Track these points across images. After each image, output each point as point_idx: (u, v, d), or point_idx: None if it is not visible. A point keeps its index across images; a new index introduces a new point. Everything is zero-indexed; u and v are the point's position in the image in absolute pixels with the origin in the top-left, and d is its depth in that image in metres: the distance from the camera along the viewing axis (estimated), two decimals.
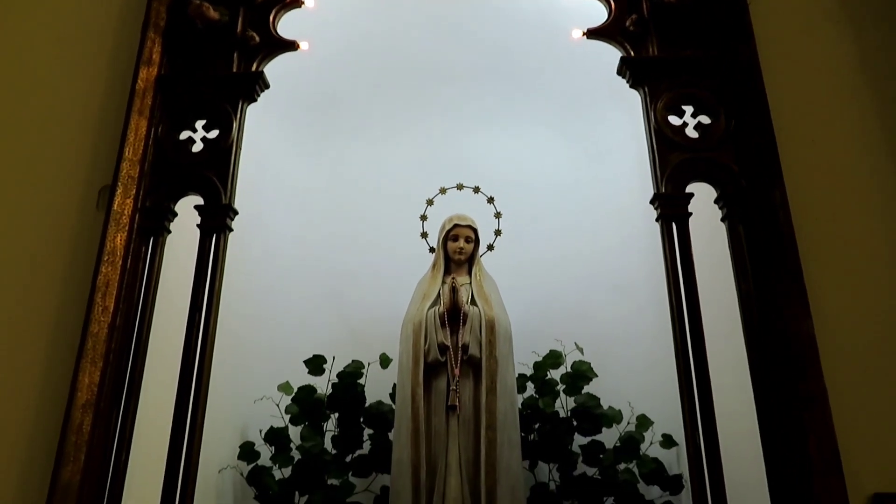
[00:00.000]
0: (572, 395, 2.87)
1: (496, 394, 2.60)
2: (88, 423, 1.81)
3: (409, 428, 2.59)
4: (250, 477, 2.67)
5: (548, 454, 2.78)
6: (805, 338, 1.82)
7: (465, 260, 2.90)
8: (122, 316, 1.94)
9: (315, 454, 2.69)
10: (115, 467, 1.83)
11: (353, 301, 3.22)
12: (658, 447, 2.75)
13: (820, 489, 1.69)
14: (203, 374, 1.94)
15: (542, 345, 2.98)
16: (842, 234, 2.01)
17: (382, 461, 2.74)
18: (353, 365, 2.89)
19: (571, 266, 3.24)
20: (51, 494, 1.75)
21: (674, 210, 2.02)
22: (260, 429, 2.76)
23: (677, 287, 1.94)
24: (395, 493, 2.55)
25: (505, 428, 2.58)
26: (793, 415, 1.75)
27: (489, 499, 2.47)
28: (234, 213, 2.10)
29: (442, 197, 3.06)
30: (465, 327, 2.70)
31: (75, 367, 1.86)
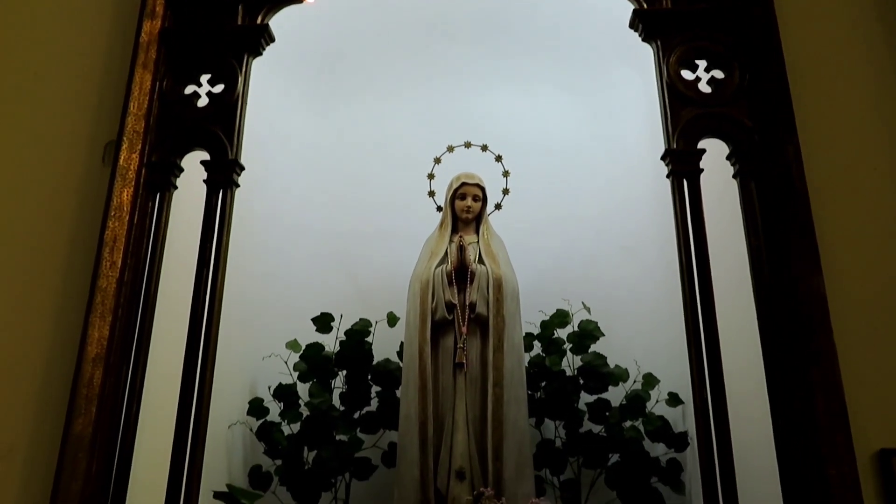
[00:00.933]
0: (579, 353, 2.89)
1: (503, 351, 2.62)
2: (99, 377, 1.83)
3: (417, 385, 2.61)
4: (259, 432, 2.70)
5: (554, 412, 2.80)
6: (815, 294, 1.80)
7: (472, 219, 2.88)
8: (130, 271, 1.93)
9: (323, 410, 2.71)
10: (126, 420, 1.85)
11: (360, 260, 3.22)
12: (664, 405, 2.77)
13: (826, 445, 1.69)
14: (212, 329, 1.94)
15: (550, 304, 2.99)
16: (855, 191, 1.98)
17: (390, 418, 2.77)
18: (360, 323, 2.90)
19: (579, 226, 3.23)
20: (63, 446, 1.77)
21: (685, 166, 1.99)
22: (268, 385, 2.79)
23: (687, 243, 1.93)
24: (403, 448, 2.58)
25: (512, 385, 2.60)
26: (801, 371, 1.75)
27: (496, 454, 2.50)
28: (241, 169, 2.09)
29: (449, 156, 3.04)
30: (473, 286, 2.70)
31: (84, 322, 1.87)
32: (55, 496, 1.73)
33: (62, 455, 1.76)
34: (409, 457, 2.55)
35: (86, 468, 1.76)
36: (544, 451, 2.77)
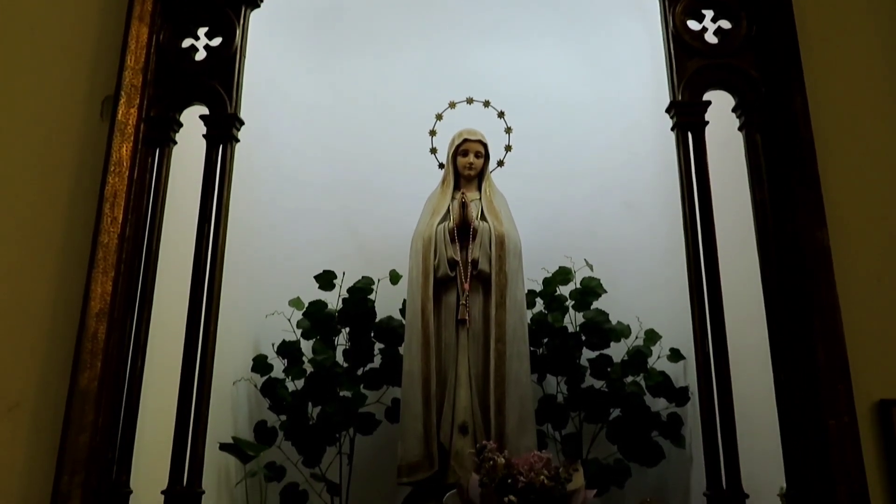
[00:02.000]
0: (581, 310, 2.89)
1: (505, 308, 2.62)
2: (103, 332, 1.83)
3: (420, 341, 2.62)
4: (264, 388, 2.73)
5: (556, 367, 2.82)
6: (819, 247, 1.80)
7: (474, 175, 2.86)
8: (131, 227, 1.93)
9: (327, 367, 2.73)
10: (132, 375, 1.87)
11: (362, 218, 3.20)
12: (665, 361, 2.79)
13: (827, 396, 1.71)
14: (214, 285, 1.95)
15: (552, 261, 2.98)
16: (862, 143, 1.96)
17: (393, 374, 2.79)
18: (363, 281, 2.91)
19: (582, 182, 3.21)
20: (70, 399, 1.79)
21: (690, 118, 1.97)
22: (272, 342, 2.80)
23: (691, 197, 1.92)
24: (406, 403, 2.61)
25: (514, 341, 2.61)
26: (803, 323, 1.76)
27: (498, 409, 2.52)
28: (240, 123, 2.07)
29: (451, 112, 3.00)
30: (475, 243, 2.69)
31: (87, 277, 1.87)
32: (63, 448, 1.75)
33: (69, 408, 1.78)
34: (412, 412, 2.57)
35: (92, 421, 1.77)
36: (546, 407, 2.79)
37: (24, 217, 2.00)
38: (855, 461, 1.66)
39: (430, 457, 2.51)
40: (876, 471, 1.71)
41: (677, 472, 2.72)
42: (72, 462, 1.74)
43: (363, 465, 2.76)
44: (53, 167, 2.04)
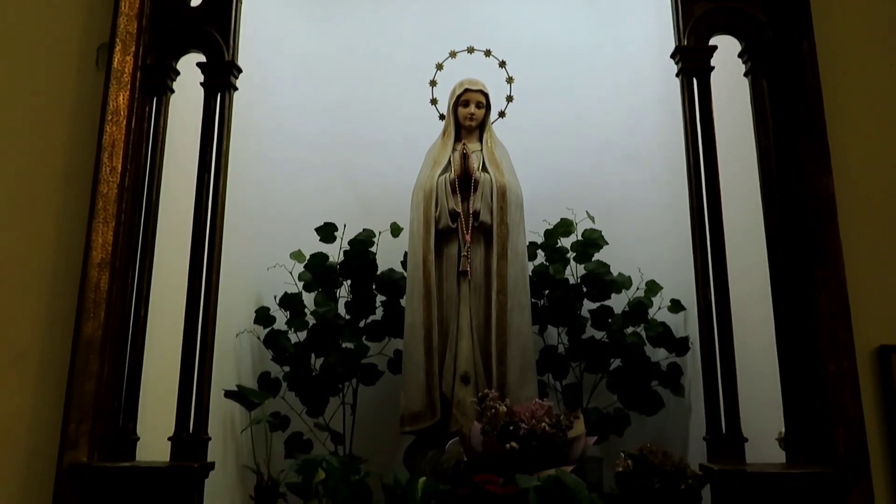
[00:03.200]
0: (582, 262, 2.89)
1: (507, 259, 2.62)
2: (105, 282, 1.84)
3: (421, 293, 2.63)
4: (267, 340, 2.75)
5: (557, 318, 2.83)
6: (823, 194, 1.79)
7: (475, 126, 2.83)
8: (130, 177, 1.92)
9: (329, 319, 2.75)
10: (135, 324, 1.87)
11: (363, 170, 3.18)
12: (666, 312, 2.80)
13: (827, 342, 1.72)
14: (215, 235, 1.94)
15: (554, 213, 2.98)
16: (870, 90, 1.93)
17: (395, 326, 2.81)
18: (364, 233, 2.90)
19: (584, 134, 3.18)
20: (74, 348, 1.80)
21: (695, 64, 1.94)
22: (274, 295, 2.81)
23: (695, 144, 1.90)
24: (409, 354, 2.63)
25: (515, 292, 2.61)
26: (805, 270, 1.76)
27: (500, 359, 2.54)
28: (238, 71, 2.03)
29: (452, 62, 2.95)
30: (476, 194, 2.68)
31: (88, 227, 1.87)
32: (69, 397, 1.77)
33: (74, 357, 1.79)
34: (414, 362, 2.60)
35: (98, 370, 1.79)
36: (547, 357, 2.82)
37: (22, 168, 1.99)
38: (854, 405, 1.68)
39: (433, 406, 2.54)
40: (874, 415, 1.73)
41: (676, 420, 2.75)
42: (78, 410, 1.76)
43: (366, 414, 2.80)
44: (50, 117, 2.02)
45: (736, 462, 1.71)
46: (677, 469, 1.80)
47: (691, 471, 1.81)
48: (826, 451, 1.68)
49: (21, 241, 1.94)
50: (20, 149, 2.01)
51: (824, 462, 1.67)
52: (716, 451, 1.74)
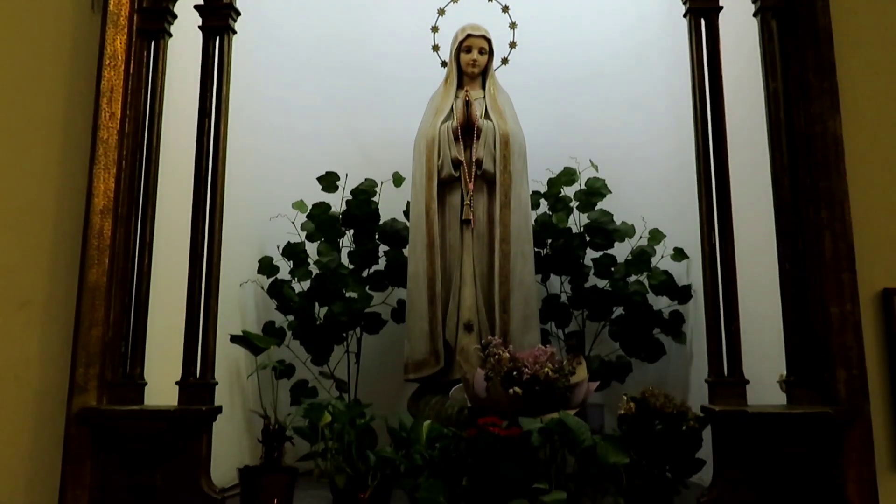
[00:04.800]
0: (586, 211, 2.88)
1: (510, 208, 2.61)
2: (108, 228, 1.84)
3: (424, 242, 2.63)
4: (271, 290, 2.76)
5: (560, 267, 2.83)
6: (831, 136, 1.77)
7: (478, 73, 2.79)
8: (130, 122, 1.90)
9: (332, 269, 2.75)
10: (140, 271, 1.88)
11: (364, 120, 3.14)
12: (669, 260, 2.80)
13: (831, 285, 1.72)
14: (217, 182, 1.93)
15: (557, 162, 2.96)
16: (882, 30, 1.89)
17: (398, 276, 2.81)
18: (366, 183, 2.89)
19: (588, 82, 3.14)
20: (80, 295, 1.81)
21: (704, 3, 1.89)
22: (277, 245, 2.81)
23: (702, 86, 1.87)
24: (412, 303, 2.64)
25: (518, 241, 2.61)
26: (811, 212, 1.75)
27: (503, 307, 2.55)
28: (237, 14, 1.99)
29: (454, 7, 2.90)
30: (479, 142, 2.65)
31: (89, 174, 1.86)
32: (76, 342, 1.78)
33: (79, 304, 1.80)
34: (418, 311, 2.61)
35: (104, 316, 1.80)
36: (550, 306, 2.83)
37: (22, 115, 1.97)
38: (856, 347, 1.68)
39: (436, 354, 2.56)
40: (875, 357, 1.75)
41: (677, 367, 2.77)
42: (86, 355, 1.78)
43: (370, 363, 2.83)
44: (47, 62, 1.99)
45: (737, 404, 1.73)
46: (679, 411, 1.82)
47: (693, 413, 1.84)
48: (826, 393, 1.69)
49: (23, 189, 1.93)
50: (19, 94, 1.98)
51: (825, 403, 1.69)
52: (717, 393, 1.75)
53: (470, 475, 1.78)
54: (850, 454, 1.65)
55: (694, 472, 1.81)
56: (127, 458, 1.76)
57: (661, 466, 1.81)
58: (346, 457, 1.85)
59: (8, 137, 1.95)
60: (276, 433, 1.90)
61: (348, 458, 1.85)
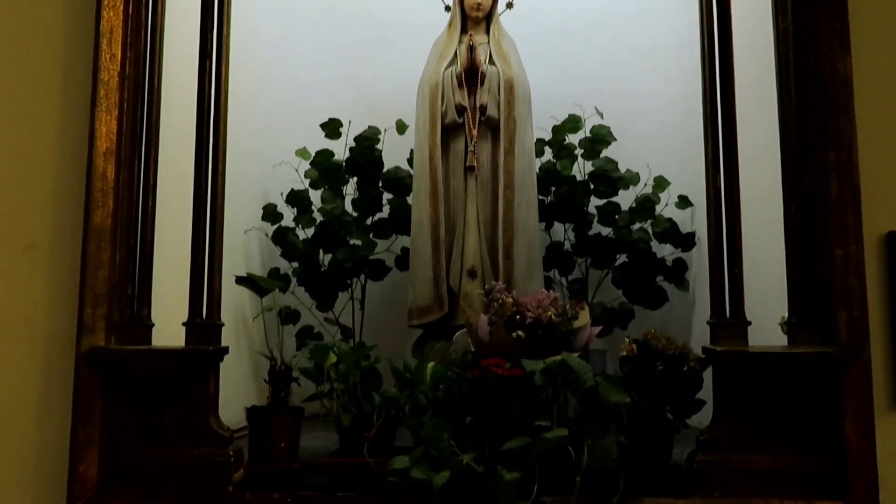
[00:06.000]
0: (590, 159, 2.87)
1: (514, 154, 2.60)
2: (112, 171, 1.83)
3: (428, 189, 2.62)
4: (275, 237, 2.77)
5: (564, 215, 2.83)
6: (841, 77, 1.75)
7: (482, 17, 2.74)
8: (130, 64, 1.88)
9: (336, 216, 2.75)
10: (144, 214, 1.88)
11: (367, 65, 3.11)
12: (673, 208, 2.79)
13: (836, 226, 1.72)
14: (220, 125, 1.91)
15: (561, 110, 2.92)
16: None
17: (402, 224, 2.82)
18: (369, 130, 2.87)
19: (594, 28, 3.09)
20: (85, 237, 1.81)
21: None
22: (281, 192, 2.81)
23: (710, 27, 1.84)
24: (416, 250, 2.65)
25: (523, 188, 2.61)
26: (818, 155, 1.74)
27: (506, 254, 2.56)
28: None
29: None
30: (483, 87, 2.63)
31: (91, 116, 1.85)
32: (83, 283, 1.80)
33: (85, 246, 1.81)
34: (422, 258, 2.62)
35: (110, 258, 1.81)
36: (553, 253, 2.84)
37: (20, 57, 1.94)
38: (858, 289, 1.69)
39: (440, 300, 2.58)
40: (877, 299, 1.75)
41: (679, 314, 2.79)
42: (93, 296, 1.79)
43: (374, 309, 2.85)
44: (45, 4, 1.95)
45: (738, 345, 1.74)
46: (680, 353, 1.84)
47: (694, 354, 1.85)
48: (827, 334, 1.71)
49: (25, 132, 1.92)
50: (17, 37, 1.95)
51: (825, 344, 1.70)
52: (719, 334, 1.77)
53: (473, 414, 1.81)
54: (848, 394, 1.67)
55: (694, 413, 1.84)
56: (136, 397, 1.79)
57: (662, 407, 1.84)
58: (352, 397, 1.88)
59: (7, 79, 1.93)
60: (282, 374, 1.93)
61: (354, 399, 1.88)
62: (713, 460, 1.70)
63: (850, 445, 1.65)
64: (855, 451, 1.65)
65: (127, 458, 1.77)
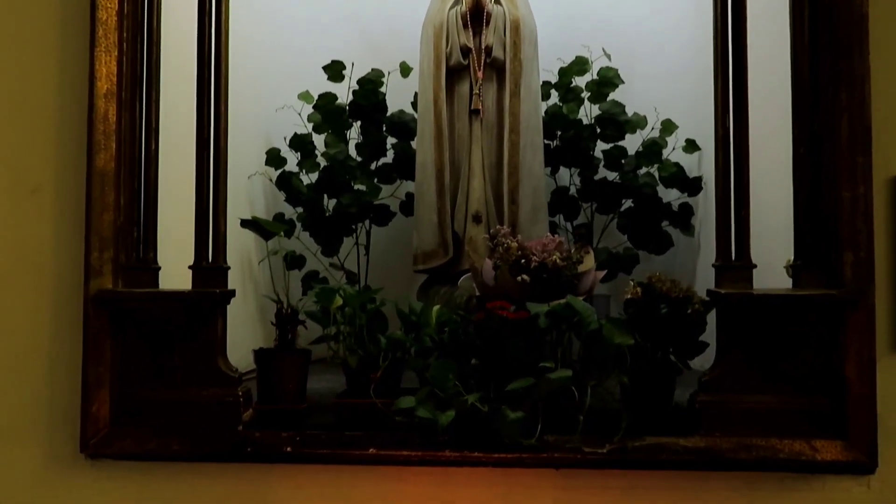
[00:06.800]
0: (597, 102, 2.83)
1: (520, 97, 2.56)
2: (113, 112, 1.81)
3: (432, 133, 2.59)
4: (279, 182, 2.75)
5: (569, 159, 2.81)
6: (856, 14, 1.70)
7: None
8: (128, 2, 1.84)
9: (340, 160, 2.73)
10: (147, 156, 1.87)
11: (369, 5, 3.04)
12: (680, 152, 2.76)
13: (844, 168, 1.70)
14: (221, 64, 1.87)
15: (568, 53, 2.86)
16: None
17: (406, 169, 2.80)
18: (373, 73, 2.83)
19: None
20: (89, 180, 1.81)
21: None
22: (284, 136, 2.79)
23: None
24: (420, 195, 2.64)
25: (528, 131, 2.58)
26: (829, 95, 1.70)
27: (511, 198, 2.55)
28: None
29: None
30: (489, 28, 2.57)
31: (90, 57, 1.82)
32: (88, 227, 1.80)
33: (89, 189, 1.81)
34: (426, 202, 2.61)
35: (114, 201, 1.81)
36: (558, 198, 2.82)
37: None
38: (865, 231, 1.68)
39: (445, 244, 2.58)
40: (883, 241, 1.74)
41: (684, 259, 2.79)
42: (99, 239, 1.80)
43: (379, 255, 2.86)
44: None
45: (743, 287, 1.74)
46: (685, 295, 1.84)
47: (698, 297, 1.86)
48: (832, 276, 1.71)
49: (23, 73, 1.90)
50: None
51: (830, 286, 1.70)
52: (724, 277, 1.77)
53: (479, 356, 1.83)
54: (851, 335, 1.68)
55: (697, 354, 1.85)
56: (145, 339, 1.81)
57: (665, 349, 1.85)
58: (358, 340, 1.90)
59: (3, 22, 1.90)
60: (289, 317, 1.94)
61: (360, 341, 1.90)
62: (714, 401, 1.72)
63: (850, 385, 1.67)
64: (856, 390, 1.67)
65: (138, 398, 1.80)
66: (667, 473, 1.74)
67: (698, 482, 1.75)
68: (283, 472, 1.79)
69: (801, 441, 1.68)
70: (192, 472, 1.80)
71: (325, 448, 1.73)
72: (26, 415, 1.86)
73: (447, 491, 1.78)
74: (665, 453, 1.68)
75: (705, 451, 1.68)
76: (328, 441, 1.74)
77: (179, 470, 1.80)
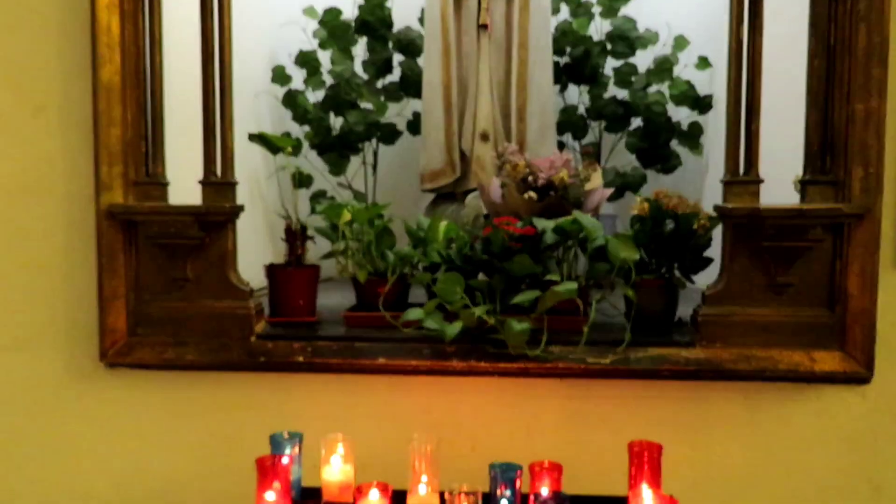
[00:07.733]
0: (608, 17, 2.76)
1: (529, 11, 2.50)
2: (116, 24, 1.78)
3: (440, 49, 2.55)
4: (285, 100, 2.73)
5: (579, 77, 2.76)
6: None
7: None
8: None
9: (346, 78, 2.70)
10: (152, 70, 1.84)
11: None
12: (692, 70, 2.71)
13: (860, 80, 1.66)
14: None
15: None
16: None
17: (413, 86, 2.76)
18: None
19: None
20: (95, 95, 1.80)
21: None
22: (289, 53, 2.74)
23: None
24: (427, 112, 2.61)
25: (537, 47, 2.53)
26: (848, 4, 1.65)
27: (519, 116, 2.53)
28: None
29: None
30: None
31: None
32: (97, 142, 1.80)
33: (95, 103, 1.80)
34: (433, 121, 2.59)
35: (121, 115, 1.80)
36: (567, 117, 2.79)
37: None
38: (876, 145, 1.67)
39: (452, 163, 2.57)
40: (893, 156, 1.73)
41: (692, 179, 2.78)
42: (107, 154, 1.80)
43: (387, 174, 2.86)
44: None
45: (750, 202, 1.74)
46: (692, 210, 1.85)
47: (705, 213, 1.87)
48: (840, 191, 1.70)
49: None
50: None
51: (837, 201, 1.70)
52: (731, 191, 1.76)
53: (486, 270, 1.85)
54: (855, 249, 1.69)
55: (701, 269, 1.87)
56: (157, 253, 1.84)
57: (671, 264, 1.88)
58: (366, 254, 1.92)
59: None
60: (298, 232, 1.96)
61: (368, 256, 1.93)
62: (716, 313, 1.75)
63: (851, 298, 1.69)
64: (856, 303, 1.69)
65: (153, 309, 1.85)
66: (668, 384, 1.79)
67: (698, 392, 1.80)
68: (296, 381, 1.84)
69: (800, 352, 1.72)
70: (207, 380, 1.86)
71: (336, 358, 1.78)
72: (47, 327, 1.91)
73: (455, 400, 1.84)
74: (666, 364, 1.73)
75: (706, 361, 1.72)
76: (339, 351, 1.79)
77: (195, 378, 1.86)
